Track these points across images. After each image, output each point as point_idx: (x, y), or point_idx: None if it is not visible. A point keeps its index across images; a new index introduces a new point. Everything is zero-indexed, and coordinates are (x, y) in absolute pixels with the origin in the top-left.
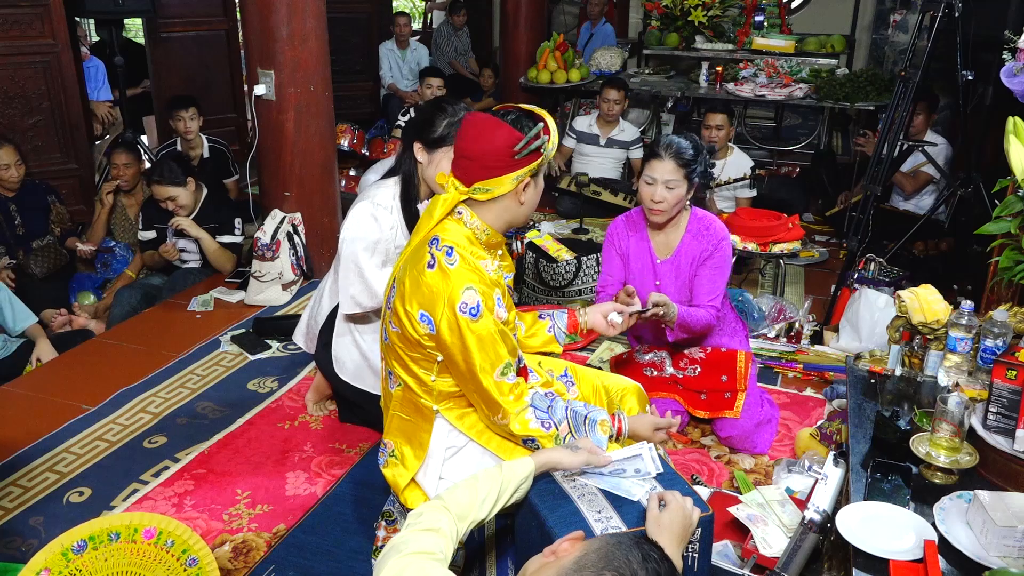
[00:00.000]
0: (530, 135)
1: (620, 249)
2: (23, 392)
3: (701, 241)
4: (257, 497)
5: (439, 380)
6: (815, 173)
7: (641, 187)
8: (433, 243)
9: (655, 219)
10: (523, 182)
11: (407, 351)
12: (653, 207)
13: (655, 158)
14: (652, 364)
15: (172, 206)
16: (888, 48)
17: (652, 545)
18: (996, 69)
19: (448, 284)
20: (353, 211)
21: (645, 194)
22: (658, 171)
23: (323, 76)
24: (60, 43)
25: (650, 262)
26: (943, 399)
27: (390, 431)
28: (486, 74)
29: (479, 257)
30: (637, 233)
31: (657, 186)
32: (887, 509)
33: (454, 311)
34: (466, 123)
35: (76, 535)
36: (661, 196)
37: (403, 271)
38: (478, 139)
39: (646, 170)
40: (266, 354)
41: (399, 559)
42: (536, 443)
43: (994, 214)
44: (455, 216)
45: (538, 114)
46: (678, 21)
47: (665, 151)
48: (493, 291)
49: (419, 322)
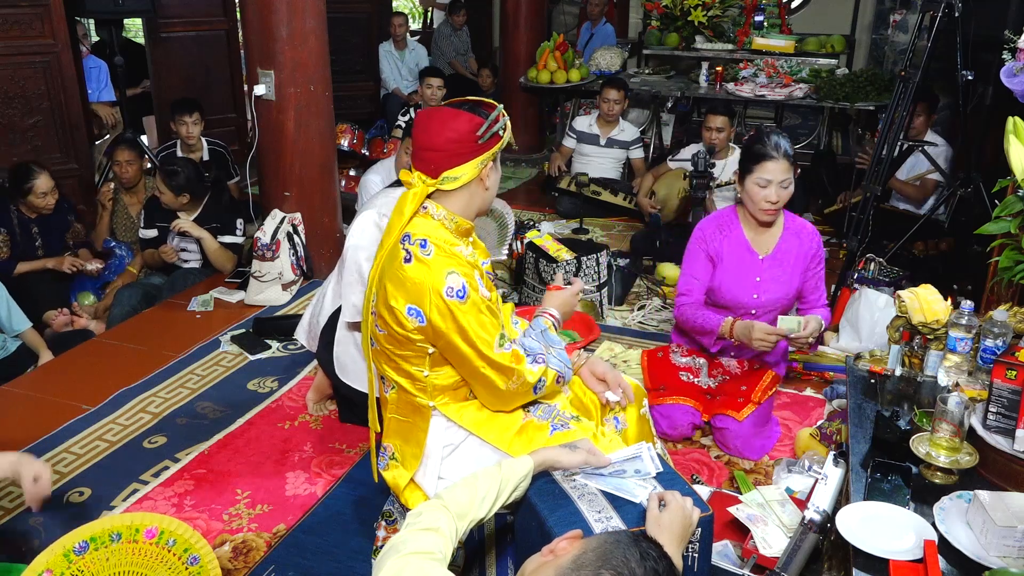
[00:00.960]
0: (490, 119)
1: (712, 251)
2: (23, 392)
3: (803, 240)
4: (257, 497)
5: (432, 374)
6: (815, 173)
7: (750, 189)
8: (405, 240)
9: (768, 219)
10: (486, 166)
11: (396, 351)
12: (769, 207)
13: (767, 159)
14: (689, 369)
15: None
16: (888, 48)
17: (650, 543)
18: (996, 69)
19: (430, 273)
20: (358, 219)
21: (758, 196)
22: (772, 172)
23: (323, 76)
24: (60, 43)
25: (750, 259)
26: (943, 399)
27: (388, 434)
28: (484, 74)
29: (452, 244)
30: (732, 232)
31: (772, 187)
32: (887, 509)
33: (442, 297)
34: (424, 117)
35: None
36: (778, 196)
37: (381, 273)
38: (442, 129)
39: (757, 172)
40: (266, 354)
41: (398, 559)
42: (543, 381)
43: (994, 214)
44: (421, 212)
45: (489, 102)
46: (678, 21)
47: (776, 151)
48: (473, 272)
49: (407, 317)
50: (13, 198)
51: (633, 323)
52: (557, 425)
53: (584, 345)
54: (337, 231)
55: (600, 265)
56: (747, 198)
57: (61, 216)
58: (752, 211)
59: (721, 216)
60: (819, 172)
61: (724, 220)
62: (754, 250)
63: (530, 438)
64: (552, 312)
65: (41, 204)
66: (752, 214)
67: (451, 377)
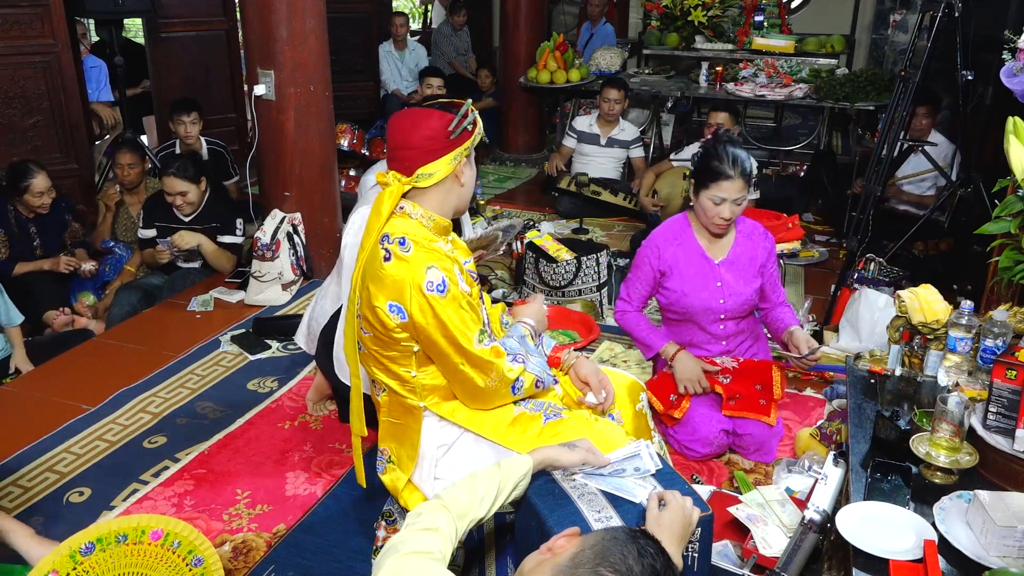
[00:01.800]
0: (460, 114)
1: (664, 263)
2: (23, 392)
3: (756, 241)
4: (257, 497)
5: (420, 374)
6: (815, 173)
7: (704, 203)
8: (384, 240)
9: (721, 232)
10: (460, 162)
11: (383, 352)
12: (722, 223)
13: (723, 178)
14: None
15: (180, 201)
16: (888, 48)
17: (648, 539)
18: (996, 69)
19: (410, 269)
20: (353, 217)
21: (712, 212)
22: (727, 191)
23: (323, 76)
24: (60, 43)
25: (708, 265)
26: (943, 399)
27: (383, 438)
28: (483, 74)
29: (432, 240)
30: (684, 242)
31: (726, 205)
32: (887, 509)
33: (422, 292)
34: (397, 119)
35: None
36: (731, 213)
37: (364, 276)
38: (414, 128)
39: (713, 190)
40: (266, 354)
41: (397, 559)
42: (521, 381)
43: (994, 214)
44: (398, 212)
45: (459, 101)
46: (678, 21)
47: (733, 169)
48: (452, 266)
49: (389, 314)
50: (10, 197)
51: None
52: (550, 415)
53: (584, 345)
54: (337, 231)
55: (600, 265)
56: (700, 210)
57: (59, 216)
58: (704, 223)
59: (674, 225)
60: (819, 172)
61: (677, 229)
62: (709, 257)
63: (523, 429)
64: (527, 321)
65: (36, 203)
66: (704, 225)
67: (439, 376)
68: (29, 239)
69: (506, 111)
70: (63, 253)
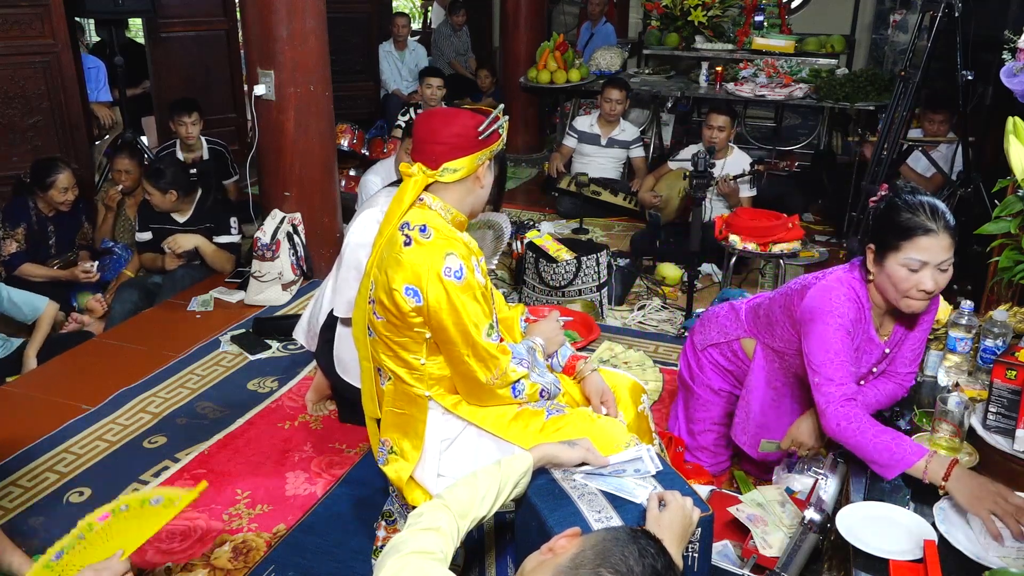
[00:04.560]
0: (491, 117)
1: (850, 326)
2: (23, 392)
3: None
4: (257, 497)
5: (429, 362)
6: (815, 173)
7: (894, 271)
8: (404, 227)
9: (916, 310)
10: (483, 164)
11: (394, 338)
12: (921, 297)
13: (922, 233)
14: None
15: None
16: (888, 48)
17: (649, 539)
18: (996, 69)
19: (430, 254)
20: (359, 217)
21: (906, 283)
22: (929, 251)
23: (323, 76)
24: (60, 43)
25: (874, 348)
26: (943, 399)
27: (386, 428)
28: (483, 75)
29: (451, 231)
30: (862, 316)
31: (928, 271)
32: (887, 509)
33: (440, 277)
34: (427, 116)
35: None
36: (935, 284)
37: (382, 262)
38: (445, 125)
39: (907, 251)
40: (266, 354)
41: (398, 558)
42: (522, 384)
43: (994, 214)
44: (418, 204)
45: (488, 109)
46: (678, 21)
47: (935, 221)
48: (470, 256)
49: (405, 297)
50: (32, 193)
51: (633, 323)
52: (552, 411)
53: (584, 345)
54: (337, 231)
55: (600, 265)
56: (885, 281)
57: (76, 216)
58: (890, 297)
59: (855, 286)
60: (819, 172)
61: (856, 291)
62: (879, 341)
63: (525, 424)
64: (537, 340)
65: (60, 200)
66: (890, 300)
67: (447, 367)
68: (45, 237)
69: (506, 111)
70: (69, 255)
